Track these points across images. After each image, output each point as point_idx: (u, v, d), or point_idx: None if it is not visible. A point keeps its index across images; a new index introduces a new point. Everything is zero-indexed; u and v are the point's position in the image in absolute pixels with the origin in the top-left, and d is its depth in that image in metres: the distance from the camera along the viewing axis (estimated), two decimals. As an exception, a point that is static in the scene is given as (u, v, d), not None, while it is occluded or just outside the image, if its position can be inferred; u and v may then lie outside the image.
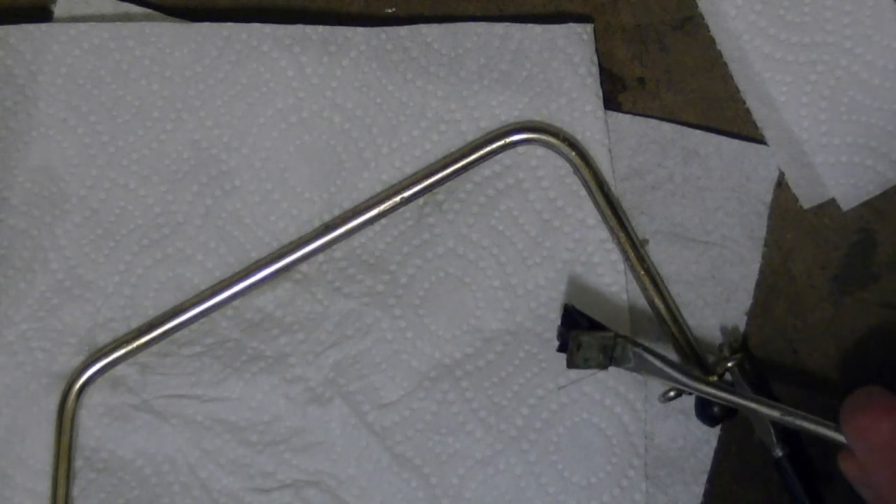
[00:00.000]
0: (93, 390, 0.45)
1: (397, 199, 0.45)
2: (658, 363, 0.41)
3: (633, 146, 0.46)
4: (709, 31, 0.46)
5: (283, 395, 0.45)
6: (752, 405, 0.40)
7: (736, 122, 0.46)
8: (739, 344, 0.45)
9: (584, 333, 0.42)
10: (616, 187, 0.45)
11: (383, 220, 0.46)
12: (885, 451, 0.36)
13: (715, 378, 0.43)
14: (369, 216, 0.45)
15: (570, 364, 0.42)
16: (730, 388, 0.42)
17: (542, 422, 0.45)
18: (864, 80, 0.45)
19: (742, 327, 0.45)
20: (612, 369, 0.44)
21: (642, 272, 0.44)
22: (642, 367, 0.41)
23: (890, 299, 0.45)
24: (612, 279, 0.45)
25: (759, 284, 0.45)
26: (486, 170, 0.46)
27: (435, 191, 0.46)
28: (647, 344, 0.42)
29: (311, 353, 0.45)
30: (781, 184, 0.46)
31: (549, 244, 0.46)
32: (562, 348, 0.43)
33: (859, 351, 0.45)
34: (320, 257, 0.46)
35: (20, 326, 0.46)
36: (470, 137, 0.46)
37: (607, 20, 0.47)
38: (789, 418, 0.39)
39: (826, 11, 0.45)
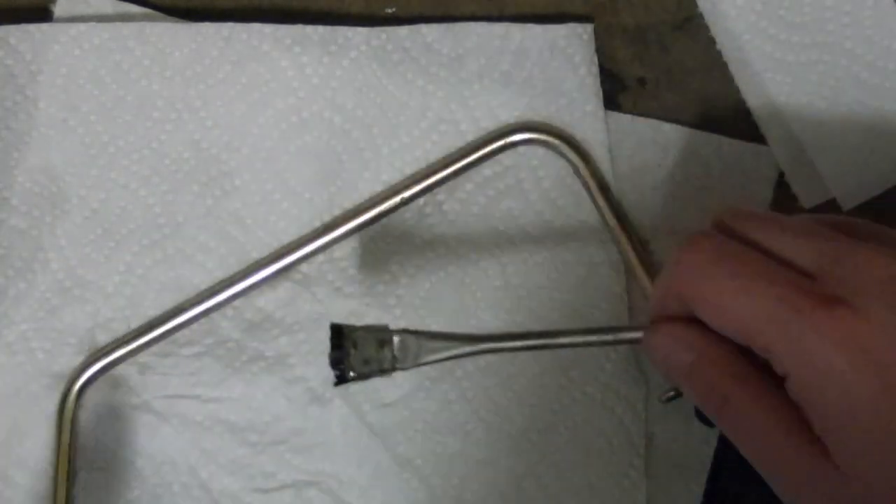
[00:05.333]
0: (93, 390, 0.45)
1: (397, 199, 0.45)
2: (441, 342, 0.37)
3: (633, 146, 0.46)
4: (709, 31, 0.46)
5: (284, 395, 0.45)
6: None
7: (736, 122, 0.46)
8: (739, 344, 0.45)
9: (357, 328, 0.36)
10: (616, 187, 0.45)
11: (383, 220, 0.46)
12: (705, 265, 0.33)
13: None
14: (369, 216, 0.45)
15: (344, 375, 0.35)
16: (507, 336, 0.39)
17: (542, 422, 0.45)
18: (864, 80, 0.45)
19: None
20: (610, 369, 0.44)
21: (642, 272, 0.44)
22: (428, 354, 0.36)
23: (890, 299, 0.45)
24: (612, 279, 0.45)
25: (759, 284, 0.45)
26: (486, 170, 0.46)
27: (435, 191, 0.46)
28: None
29: (311, 353, 0.45)
30: (781, 184, 0.46)
31: (550, 244, 0.46)
32: (335, 364, 0.36)
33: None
34: (320, 257, 0.46)
35: (20, 326, 0.46)
36: (470, 137, 0.46)
37: (607, 20, 0.47)
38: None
39: (826, 11, 0.45)
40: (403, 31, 0.46)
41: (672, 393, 0.43)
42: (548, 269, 0.45)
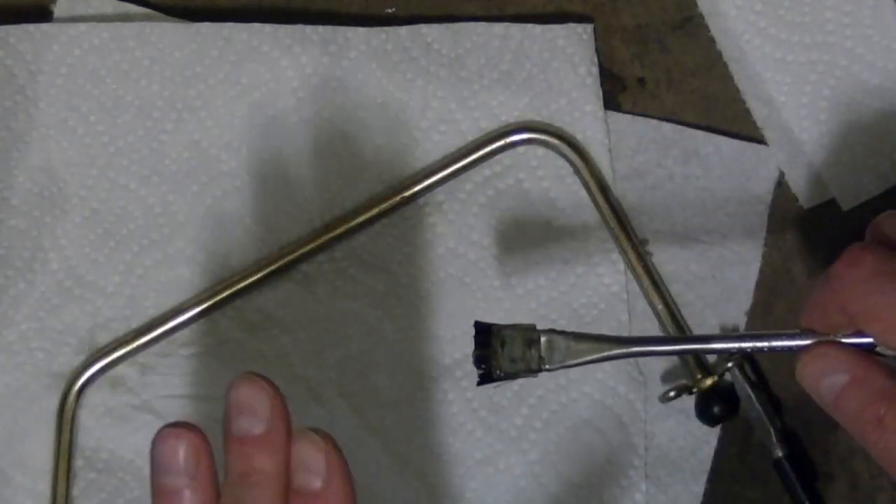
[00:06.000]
0: (93, 390, 0.45)
1: (397, 199, 0.45)
2: (588, 343, 0.36)
3: (633, 146, 0.46)
4: (709, 31, 0.46)
5: (284, 395, 0.45)
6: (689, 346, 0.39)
7: (736, 122, 0.46)
8: (739, 344, 0.45)
9: (506, 327, 0.36)
10: (616, 187, 0.45)
11: (383, 220, 0.46)
12: (870, 280, 0.32)
13: (715, 378, 0.43)
14: (369, 216, 0.45)
15: (490, 374, 0.35)
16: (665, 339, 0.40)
17: (541, 422, 0.45)
18: (864, 80, 0.45)
19: (742, 327, 0.45)
20: (609, 369, 0.44)
21: (642, 272, 0.44)
22: (576, 356, 0.36)
23: (890, 299, 0.45)
24: (612, 279, 0.45)
25: (759, 284, 0.45)
26: (486, 170, 0.46)
27: (435, 191, 0.46)
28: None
29: (311, 353, 0.45)
30: (781, 184, 0.46)
31: (549, 244, 0.46)
32: (480, 362, 0.36)
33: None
34: (321, 257, 0.46)
35: (20, 326, 0.46)
36: (470, 137, 0.46)
37: (607, 20, 0.47)
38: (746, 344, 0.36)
39: (826, 11, 0.45)
40: (403, 31, 0.46)
41: (672, 393, 0.43)
42: (548, 269, 0.45)
